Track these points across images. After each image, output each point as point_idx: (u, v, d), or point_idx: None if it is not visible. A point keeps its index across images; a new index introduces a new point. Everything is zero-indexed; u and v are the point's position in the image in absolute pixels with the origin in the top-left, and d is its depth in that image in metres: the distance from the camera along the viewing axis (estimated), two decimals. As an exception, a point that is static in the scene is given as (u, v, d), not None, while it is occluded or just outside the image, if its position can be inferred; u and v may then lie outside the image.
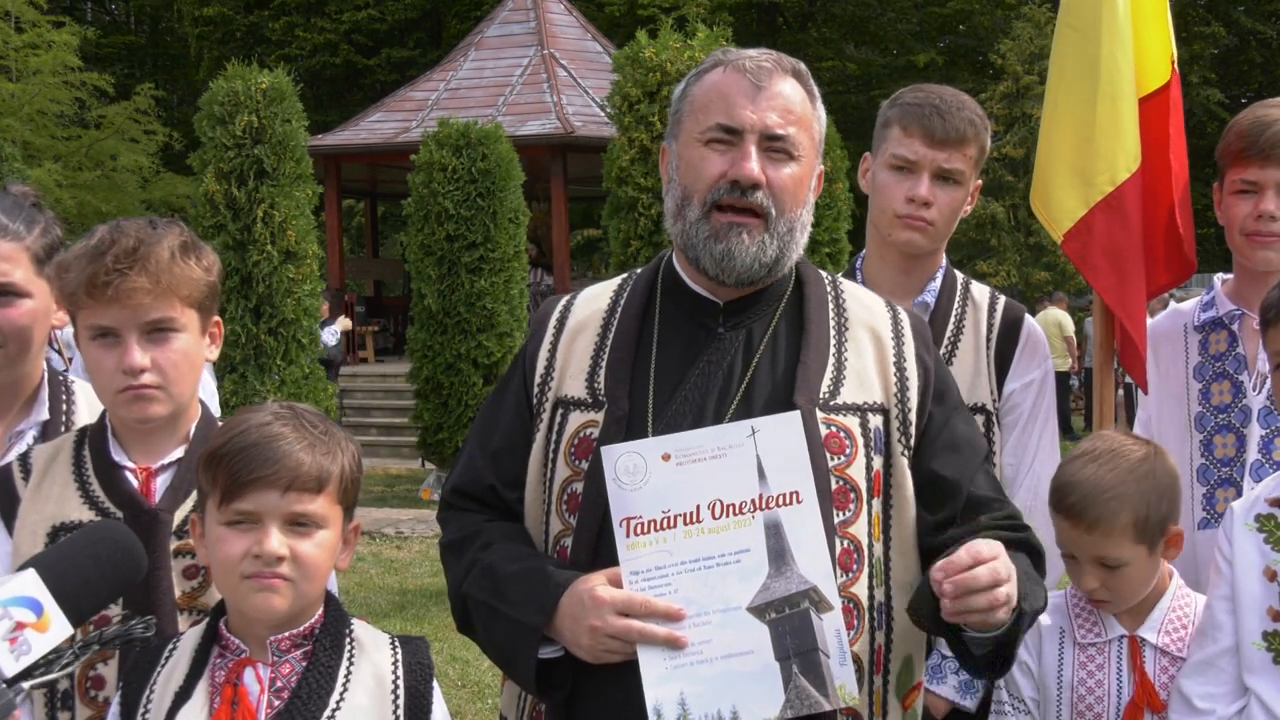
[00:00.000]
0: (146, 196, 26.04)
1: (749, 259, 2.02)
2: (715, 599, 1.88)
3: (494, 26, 20.78)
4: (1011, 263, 24.54)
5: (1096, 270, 2.78)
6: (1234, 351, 2.72)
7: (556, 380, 2.14)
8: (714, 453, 1.91)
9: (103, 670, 2.05)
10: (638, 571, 1.90)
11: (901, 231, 2.64)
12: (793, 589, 1.87)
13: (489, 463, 2.18)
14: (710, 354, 2.08)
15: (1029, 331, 2.68)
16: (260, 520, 1.86)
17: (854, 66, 33.10)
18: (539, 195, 17.98)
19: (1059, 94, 2.85)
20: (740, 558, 1.89)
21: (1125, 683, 2.38)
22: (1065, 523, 2.39)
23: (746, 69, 2.05)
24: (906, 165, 2.62)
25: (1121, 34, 2.77)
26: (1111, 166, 2.76)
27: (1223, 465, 2.67)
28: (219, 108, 9.97)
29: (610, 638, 1.87)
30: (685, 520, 1.90)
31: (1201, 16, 30.31)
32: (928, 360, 2.13)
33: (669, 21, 10.47)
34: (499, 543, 2.09)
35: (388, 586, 9.27)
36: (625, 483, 1.91)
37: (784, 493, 1.89)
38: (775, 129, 2.02)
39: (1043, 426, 2.66)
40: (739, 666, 1.86)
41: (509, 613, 1.98)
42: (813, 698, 1.85)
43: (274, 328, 9.91)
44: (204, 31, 33.75)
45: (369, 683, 1.95)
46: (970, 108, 2.64)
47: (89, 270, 2.01)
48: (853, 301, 2.17)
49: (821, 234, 11.82)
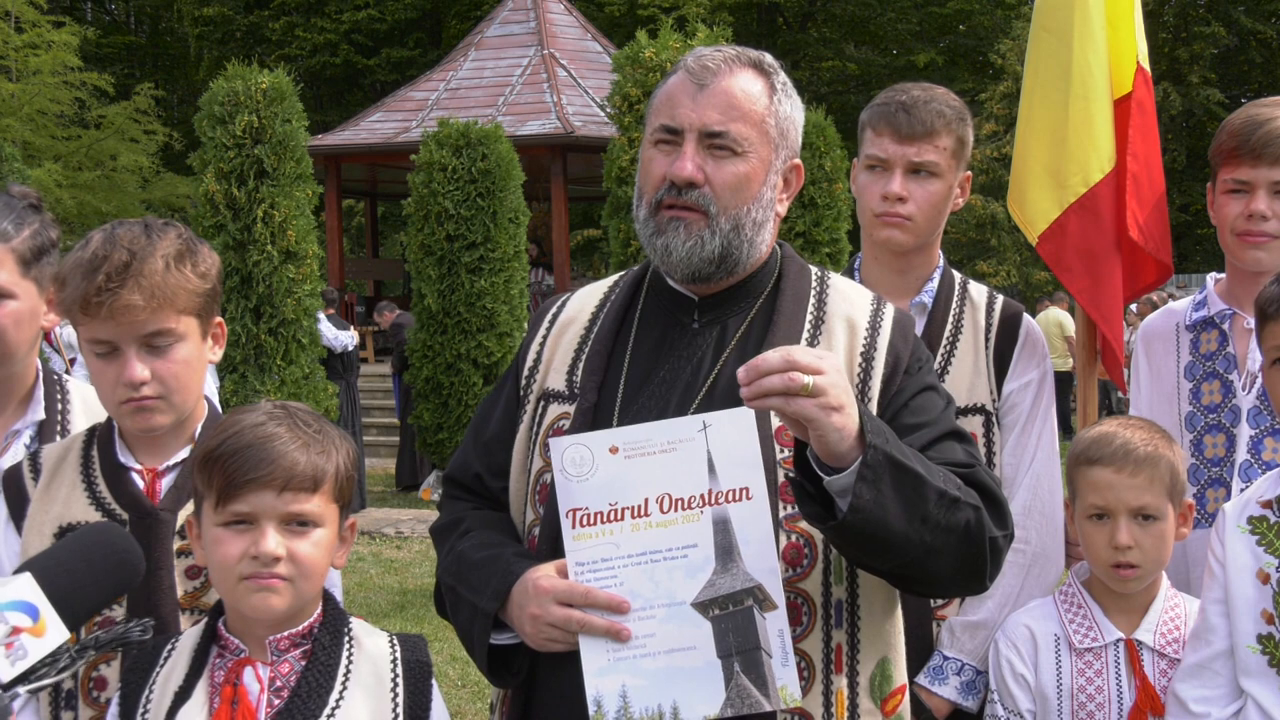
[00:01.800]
0: (146, 196, 26.04)
1: (685, 251, 2.03)
2: (661, 593, 1.88)
3: (494, 26, 20.77)
4: (1011, 263, 24.56)
5: (1071, 272, 2.79)
6: (1224, 351, 2.71)
7: (542, 373, 2.18)
8: (664, 446, 1.90)
9: (105, 671, 2.05)
10: (583, 563, 1.90)
11: (881, 230, 2.65)
12: (737, 586, 1.86)
13: (480, 452, 2.22)
14: (682, 349, 2.10)
15: (1027, 331, 2.68)
16: (256, 521, 1.87)
17: (854, 66, 33.11)
18: (539, 195, 17.99)
19: (1034, 96, 2.86)
20: (687, 553, 1.89)
21: (1126, 688, 2.37)
22: (1106, 471, 2.37)
23: (692, 70, 2.06)
24: (879, 164, 2.63)
25: (1094, 36, 2.78)
26: (1084, 168, 2.77)
27: (1213, 465, 2.67)
28: (219, 108, 9.96)
29: (551, 626, 1.89)
30: (633, 513, 1.90)
31: (1201, 16, 30.29)
32: (901, 350, 2.10)
33: (669, 21, 10.46)
34: (475, 530, 2.12)
35: (388, 586, 9.27)
36: (572, 474, 1.91)
37: (734, 488, 1.88)
38: (713, 126, 2.02)
39: (1041, 426, 2.65)
40: (681, 662, 1.86)
41: (470, 598, 2.02)
42: (753, 697, 1.84)
43: (274, 328, 9.90)
44: (204, 31, 33.76)
45: (368, 681, 1.95)
46: (940, 100, 2.63)
47: (82, 288, 2.01)
48: (835, 295, 2.16)
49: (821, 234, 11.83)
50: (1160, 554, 2.39)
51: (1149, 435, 2.40)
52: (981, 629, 2.55)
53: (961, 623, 2.57)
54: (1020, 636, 2.45)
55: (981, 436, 2.60)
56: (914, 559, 1.87)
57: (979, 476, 1.97)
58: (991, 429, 2.61)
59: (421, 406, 11.93)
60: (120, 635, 1.51)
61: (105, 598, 1.49)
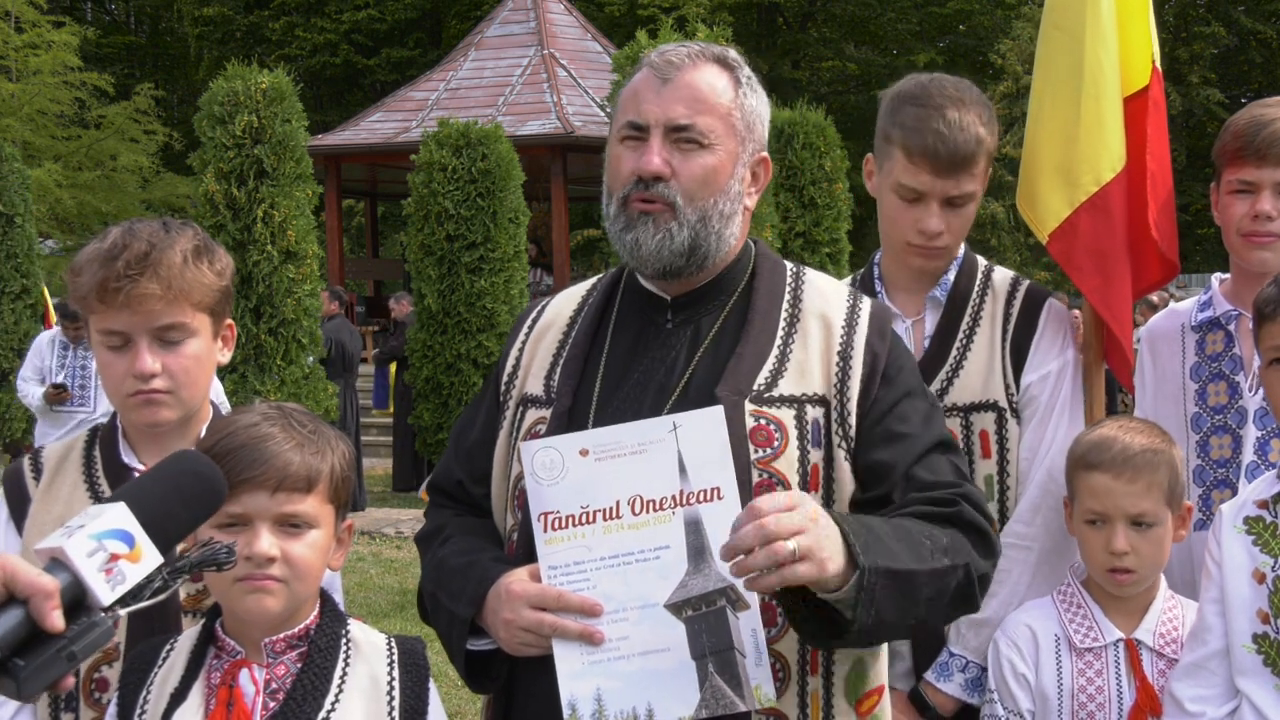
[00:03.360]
0: (146, 196, 26.03)
1: (654, 245, 2.01)
2: (634, 595, 1.87)
3: (494, 26, 20.77)
4: (1011, 262, 24.54)
5: (1081, 271, 2.78)
6: (1230, 352, 2.70)
7: (521, 378, 2.18)
8: (634, 448, 1.90)
9: (106, 672, 2.05)
10: (555, 566, 1.90)
11: (914, 259, 2.62)
12: (710, 587, 1.85)
13: (462, 459, 2.23)
14: (656, 350, 2.09)
15: (1047, 319, 2.63)
16: (250, 522, 1.86)
17: (854, 66, 33.12)
18: (539, 195, 17.98)
19: (1044, 94, 2.85)
20: (660, 554, 1.88)
21: (1126, 688, 2.36)
22: (1104, 477, 2.35)
23: (656, 65, 2.05)
24: (914, 196, 2.56)
25: (1105, 33, 2.76)
26: (1095, 167, 2.75)
27: (1219, 466, 2.66)
28: (219, 108, 9.97)
29: (524, 630, 1.88)
30: (604, 516, 1.90)
31: (1201, 16, 30.31)
32: (878, 348, 2.08)
33: (669, 21, 10.49)
34: (456, 537, 2.12)
35: (388, 586, 9.27)
36: (542, 478, 1.91)
37: (705, 489, 1.87)
38: (679, 119, 2.01)
39: (1059, 420, 2.59)
40: (655, 664, 1.85)
41: (448, 604, 2.02)
42: (728, 698, 1.83)
43: (274, 328, 9.91)
44: (204, 31, 33.76)
45: (364, 683, 1.95)
46: (973, 118, 2.54)
47: (100, 275, 2.01)
48: (810, 291, 2.15)
49: (821, 234, 11.84)
50: (1157, 559, 2.38)
51: (1148, 440, 2.39)
52: (987, 626, 2.53)
53: (969, 620, 2.54)
54: (1022, 636, 2.44)
55: (993, 434, 2.57)
56: (909, 630, 1.95)
57: (965, 515, 1.96)
58: (1004, 425, 2.58)
59: (421, 406, 11.94)
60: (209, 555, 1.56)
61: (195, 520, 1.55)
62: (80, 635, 1.35)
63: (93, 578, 1.37)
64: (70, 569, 1.36)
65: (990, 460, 2.58)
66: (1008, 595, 2.54)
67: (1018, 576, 2.55)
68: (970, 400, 2.58)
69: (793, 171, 11.95)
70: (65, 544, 1.37)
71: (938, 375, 2.60)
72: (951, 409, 2.58)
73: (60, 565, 1.37)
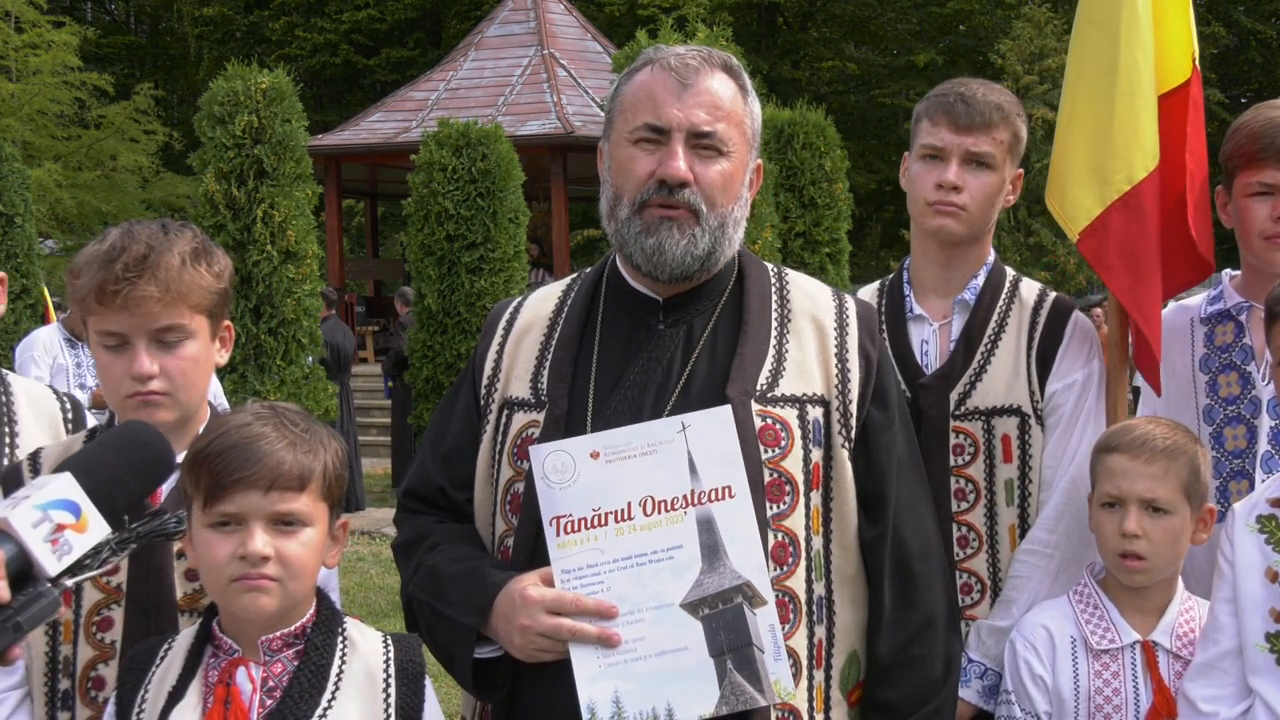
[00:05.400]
0: (146, 196, 26.02)
1: (679, 252, 2.02)
2: (648, 596, 1.88)
3: (494, 26, 20.77)
4: (1012, 262, 24.42)
5: (1112, 270, 2.74)
6: (1240, 342, 2.68)
7: (503, 381, 2.17)
8: (644, 449, 1.91)
9: (103, 671, 2.05)
10: (569, 570, 1.90)
11: (933, 219, 2.65)
12: (726, 584, 1.86)
13: (440, 465, 2.21)
14: (650, 351, 2.09)
15: (1073, 330, 2.65)
16: (244, 521, 1.86)
17: (854, 66, 33.10)
18: (539, 195, 17.97)
19: (1077, 91, 2.81)
20: (673, 554, 1.89)
21: (1143, 690, 2.35)
22: (1122, 458, 2.36)
23: (673, 66, 2.04)
24: (935, 153, 2.64)
25: (1141, 30, 2.74)
26: (1129, 165, 2.72)
27: (1234, 457, 2.64)
28: (219, 108, 9.95)
29: (541, 636, 1.88)
30: (616, 518, 1.90)
31: (1202, 16, 30.26)
32: (871, 352, 2.12)
33: (669, 21, 10.48)
34: (445, 544, 2.11)
35: (387, 586, 9.26)
36: (554, 481, 1.92)
37: (716, 487, 1.89)
38: (702, 126, 2.01)
39: (1083, 429, 2.60)
40: (673, 663, 1.86)
41: (448, 613, 2.00)
42: (748, 693, 1.84)
43: (274, 328, 9.90)
44: (204, 31, 33.78)
45: (361, 681, 1.95)
46: (999, 93, 2.65)
47: (99, 277, 2.03)
48: (797, 292, 2.17)
49: (821, 234, 11.82)
50: (1170, 550, 2.36)
51: (1171, 431, 2.39)
52: (1005, 634, 2.52)
53: (989, 626, 2.54)
54: (1039, 638, 2.43)
55: (1015, 439, 2.58)
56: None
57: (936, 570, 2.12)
58: (1027, 430, 2.58)
59: (421, 406, 11.93)
60: (158, 527, 1.55)
61: (142, 491, 1.55)
62: (25, 605, 1.34)
63: (38, 548, 1.36)
64: (15, 539, 1.35)
65: (1011, 465, 2.58)
66: (1028, 603, 2.53)
67: (1037, 584, 2.54)
68: (993, 404, 2.59)
69: (793, 171, 11.95)
70: (9, 514, 1.36)
71: (962, 378, 2.61)
72: (974, 412, 2.59)
73: (4, 536, 1.35)
